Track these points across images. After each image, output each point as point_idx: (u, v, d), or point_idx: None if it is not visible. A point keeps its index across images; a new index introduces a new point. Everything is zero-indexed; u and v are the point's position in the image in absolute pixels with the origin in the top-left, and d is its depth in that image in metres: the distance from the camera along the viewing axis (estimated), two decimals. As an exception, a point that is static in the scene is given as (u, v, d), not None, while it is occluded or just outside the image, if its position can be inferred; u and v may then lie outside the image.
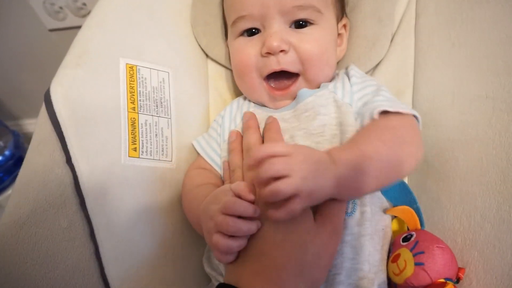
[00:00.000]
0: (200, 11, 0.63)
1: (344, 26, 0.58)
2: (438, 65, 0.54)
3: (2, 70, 1.23)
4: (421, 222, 0.48)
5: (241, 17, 0.52)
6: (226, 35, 0.62)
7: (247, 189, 0.38)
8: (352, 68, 0.54)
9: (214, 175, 0.54)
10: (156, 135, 0.53)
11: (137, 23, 0.55)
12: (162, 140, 0.54)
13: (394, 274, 0.44)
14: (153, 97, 0.54)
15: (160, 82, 0.55)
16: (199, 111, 0.63)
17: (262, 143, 0.48)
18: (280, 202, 0.35)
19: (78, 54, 0.48)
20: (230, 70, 0.66)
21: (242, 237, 0.37)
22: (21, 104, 1.36)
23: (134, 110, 0.51)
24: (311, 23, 0.51)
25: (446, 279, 0.41)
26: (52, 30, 1.08)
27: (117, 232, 0.47)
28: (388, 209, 0.49)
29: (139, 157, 0.50)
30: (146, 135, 0.52)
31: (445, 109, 0.51)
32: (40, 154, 0.45)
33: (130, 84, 0.51)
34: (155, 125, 0.53)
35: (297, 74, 0.52)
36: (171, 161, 0.55)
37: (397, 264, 0.44)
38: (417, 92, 0.57)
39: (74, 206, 0.45)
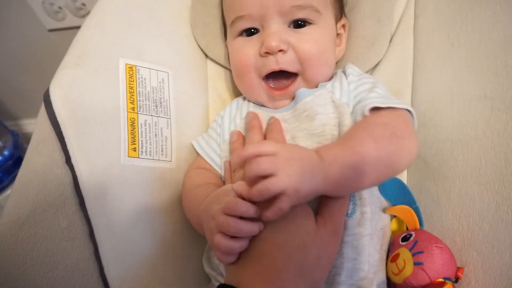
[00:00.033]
0: (200, 12, 0.63)
1: (343, 26, 0.58)
2: (437, 65, 0.54)
3: (2, 70, 1.23)
4: (420, 222, 0.48)
5: (240, 17, 0.52)
6: (225, 36, 0.62)
7: (248, 189, 0.37)
8: (349, 66, 0.54)
9: (214, 175, 0.54)
10: (156, 135, 0.53)
11: (136, 23, 0.55)
12: (162, 140, 0.54)
13: (393, 274, 0.45)
14: (153, 97, 0.54)
15: (160, 82, 0.55)
16: (199, 111, 0.63)
17: None
18: (271, 201, 0.35)
19: (77, 54, 0.48)
20: (229, 70, 0.66)
21: (243, 238, 0.37)
22: (21, 104, 1.35)
23: (133, 110, 0.51)
24: (309, 23, 0.51)
25: (445, 279, 0.41)
26: (51, 30, 1.08)
27: (116, 232, 0.47)
28: (387, 208, 0.49)
29: (138, 157, 0.50)
30: (146, 135, 0.52)
31: (444, 109, 0.51)
32: (39, 154, 0.45)
33: (129, 84, 0.51)
34: (155, 125, 0.53)
35: (296, 74, 0.52)
36: (171, 161, 0.55)
37: (396, 263, 0.44)
38: (416, 92, 0.57)
39: (74, 206, 0.45)
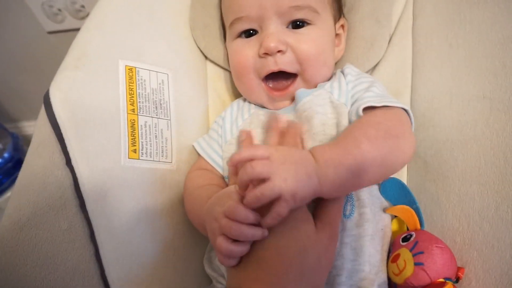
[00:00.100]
0: (199, 13, 0.63)
1: (341, 26, 0.58)
2: (436, 65, 0.54)
3: (1, 72, 1.23)
4: (421, 222, 0.48)
5: (239, 19, 0.52)
6: (225, 37, 0.62)
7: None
8: (347, 66, 0.54)
9: (216, 176, 0.54)
10: (156, 136, 0.53)
11: (136, 24, 0.55)
12: (162, 141, 0.54)
13: (394, 274, 0.45)
14: (153, 99, 0.54)
15: (160, 84, 0.55)
16: (199, 113, 0.63)
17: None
18: (270, 206, 0.34)
19: (77, 56, 0.48)
20: (229, 71, 0.66)
21: (245, 242, 0.37)
22: (20, 106, 1.35)
23: (133, 111, 0.51)
24: (308, 23, 0.51)
25: (446, 279, 0.41)
26: (50, 33, 1.08)
27: (117, 233, 0.47)
28: (387, 208, 0.49)
29: (139, 159, 0.50)
30: (146, 137, 0.52)
31: (443, 109, 0.51)
32: (39, 156, 0.45)
33: (129, 85, 0.52)
34: (155, 127, 0.53)
35: (295, 74, 0.52)
36: (171, 162, 0.55)
37: (397, 264, 0.44)
38: (415, 93, 0.57)
39: (74, 208, 0.45)
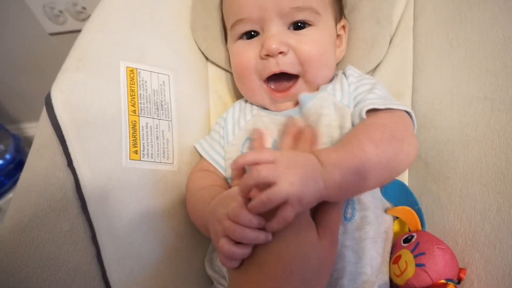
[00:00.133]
0: (200, 14, 0.64)
1: (343, 27, 0.58)
2: (437, 66, 0.54)
3: (3, 73, 1.23)
4: (422, 223, 0.48)
5: (240, 20, 0.52)
6: (225, 38, 0.62)
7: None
8: (349, 68, 0.54)
9: (219, 177, 0.54)
10: (157, 137, 0.53)
11: (137, 25, 0.55)
12: (163, 142, 0.54)
13: (395, 276, 0.45)
14: (154, 100, 0.54)
15: (161, 85, 0.55)
16: (200, 114, 0.63)
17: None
18: (275, 209, 0.34)
19: (78, 57, 0.48)
20: (230, 73, 0.66)
21: (247, 245, 0.36)
22: (22, 107, 1.36)
23: (134, 113, 0.51)
24: (309, 25, 0.51)
25: (447, 280, 0.41)
26: (52, 34, 1.08)
27: (119, 235, 0.47)
28: (389, 209, 0.49)
29: (140, 160, 0.50)
30: (147, 138, 0.52)
31: (444, 110, 0.51)
32: (41, 158, 0.45)
33: (130, 87, 0.52)
34: (156, 128, 0.53)
35: (297, 75, 0.52)
36: (173, 163, 0.55)
37: (398, 265, 0.44)
38: (416, 94, 0.57)
39: (76, 209, 0.45)
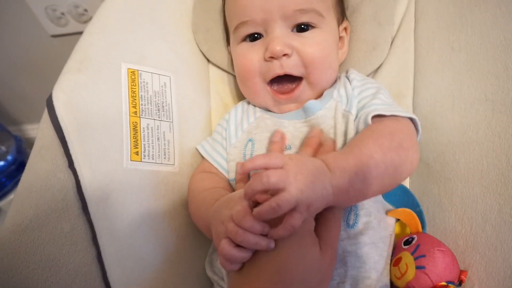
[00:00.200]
0: (201, 17, 0.64)
1: (345, 29, 0.58)
2: (438, 68, 0.54)
3: (5, 75, 1.23)
4: (423, 225, 0.48)
5: (243, 23, 0.52)
6: (227, 41, 0.62)
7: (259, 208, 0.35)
8: (352, 72, 0.54)
9: (221, 178, 0.54)
10: (158, 139, 0.53)
11: (138, 28, 0.56)
12: (164, 144, 0.54)
13: (396, 278, 0.44)
14: (155, 101, 0.54)
15: (162, 86, 0.56)
16: (201, 115, 0.63)
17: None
18: (278, 218, 0.33)
19: (79, 59, 0.49)
20: (231, 75, 0.66)
21: (248, 249, 0.36)
22: (24, 109, 1.36)
23: (136, 114, 0.51)
24: (313, 27, 0.51)
25: (448, 282, 0.41)
26: (54, 36, 1.09)
27: (119, 236, 0.47)
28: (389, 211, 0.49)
29: (141, 161, 0.51)
30: (148, 139, 0.52)
31: (446, 112, 0.51)
32: (42, 159, 0.45)
33: (131, 88, 0.52)
34: (157, 129, 0.53)
35: (300, 77, 0.52)
36: (174, 164, 0.55)
37: (399, 267, 0.44)
38: (417, 96, 0.57)
39: (76, 210, 0.45)
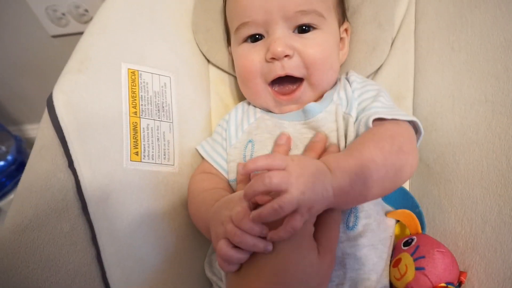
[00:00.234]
0: (201, 17, 0.64)
1: (345, 30, 0.58)
2: (438, 69, 0.54)
3: (5, 75, 1.24)
4: (423, 226, 0.48)
5: (245, 24, 0.52)
6: (227, 41, 0.62)
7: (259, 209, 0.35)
8: (352, 74, 0.54)
9: (221, 179, 0.54)
10: (158, 139, 0.53)
11: (138, 28, 0.56)
12: (164, 144, 0.54)
13: (396, 279, 0.44)
14: (155, 102, 0.54)
15: (162, 87, 0.56)
16: (201, 116, 0.63)
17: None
18: (278, 220, 0.33)
19: (80, 59, 0.49)
20: (231, 75, 0.66)
21: (245, 251, 0.36)
22: (24, 109, 1.36)
23: (136, 114, 0.51)
24: (314, 28, 0.51)
25: (447, 284, 0.41)
26: (54, 36, 1.09)
27: (119, 236, 0.47)
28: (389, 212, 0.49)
29: (141, 161, 0.51)
30: (148, 139, 0.52)
31: (446, 113, 0.51)
32: (42, 159, 0.45)
33: (132, 88, 0.52)
34: (157, 129, 0.53)
35: (301, 78, 0.52)
36: (174, 165, 0.55)
37: (398, 268, 0.44)
38: (417, 96, 0.57)
39: (76, 211, 0.45)
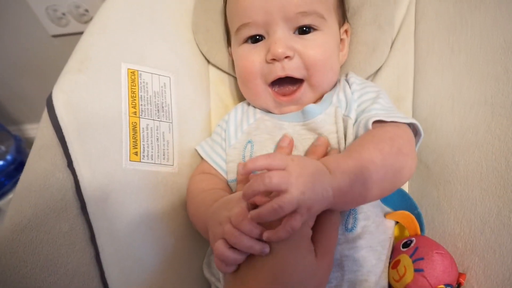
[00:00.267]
0: (201, 17, 0.64)
1: (345, 31, 0.58)
2: (437, 70, 0.54)
3: (5, 75, 1.24)
4: (422, 228, 0.48)
5: (245, 25, 0.52)
6: (227, 42, 0.62)
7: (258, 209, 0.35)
8: (351, 75, 0.54)
9: (220, 180, 0.54)
10: (158, 139, 0.53)
11: (138, 28, 0.56)
12: (164, 144, 0.54)
13: (394, 280, 0.44)
14: (155, 102, 0.54)
15: (162, 87, 0.56)
16: (201, 116, 0.63)
17: None
18: (275, 221, 0.33)
19: (80, 59, 0.49)
20: (231, 75, 0.66)
21: (242, 252, 0.36)
22: (23, 109, 1.36)
23: (135, 114, 0.51)
24: (314, 29, 0.51)
25: (446, 285, 0.41)
26: (54, 36, 1.09)
27: (118, 236, 0.47)
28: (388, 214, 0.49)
29: (140, 161, 0.51)
30: (147, 140, 0.52)
31: (445, 114, 0.51)
32: (41, 159, 0.45)
33: (131, 88, 0.52)
34: (157, 130, 0.53)
35: (302, 80, 0.52)
36: (173, 165, 0.55)
37: (397, 270, 0.44)
38: (417, 98, 0.57)
39: (75, 210, 0.45)
